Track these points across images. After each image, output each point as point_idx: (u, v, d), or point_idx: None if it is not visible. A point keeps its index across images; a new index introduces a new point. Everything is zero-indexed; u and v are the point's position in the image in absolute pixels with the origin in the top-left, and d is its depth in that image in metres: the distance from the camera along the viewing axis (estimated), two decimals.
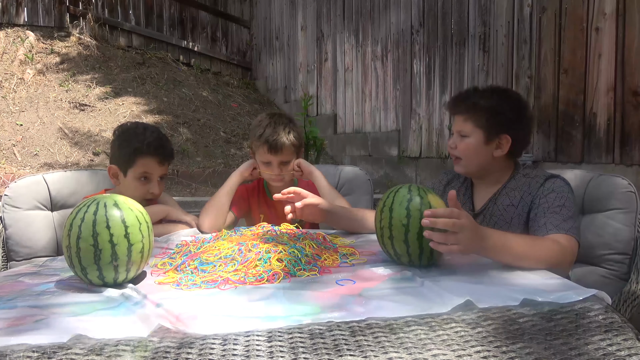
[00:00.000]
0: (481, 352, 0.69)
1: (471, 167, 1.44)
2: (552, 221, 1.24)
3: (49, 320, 0.82)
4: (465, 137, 1.41)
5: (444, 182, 1.59)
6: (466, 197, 1.50)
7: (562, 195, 1.29)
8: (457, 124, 1.45)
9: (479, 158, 1.41)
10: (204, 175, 4.49)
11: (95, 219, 0.97)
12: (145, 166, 1.58)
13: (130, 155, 1.58)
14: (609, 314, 0.81)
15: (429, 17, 3.79)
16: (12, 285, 1.07)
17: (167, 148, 1.63)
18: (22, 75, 5.40)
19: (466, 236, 1.00)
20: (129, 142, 1.61)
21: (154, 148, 1.58)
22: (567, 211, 1.26)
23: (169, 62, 6.45)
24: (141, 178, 1.59)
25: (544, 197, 1.31)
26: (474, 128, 1.40)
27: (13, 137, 4.65)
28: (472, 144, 1.40)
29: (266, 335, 0.75)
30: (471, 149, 1.41)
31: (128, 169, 1.59)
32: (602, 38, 2.52)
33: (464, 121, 1.42)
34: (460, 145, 1.43)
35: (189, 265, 1.11)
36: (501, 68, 3.14)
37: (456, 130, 1.45)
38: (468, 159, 1.43)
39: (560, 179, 1.34)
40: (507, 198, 1.40)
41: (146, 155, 1.58)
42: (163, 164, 1.61)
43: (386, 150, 4.29)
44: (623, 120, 2.45)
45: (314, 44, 5.50)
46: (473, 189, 1.51)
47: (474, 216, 1.44)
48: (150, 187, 1.60)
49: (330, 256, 1.19)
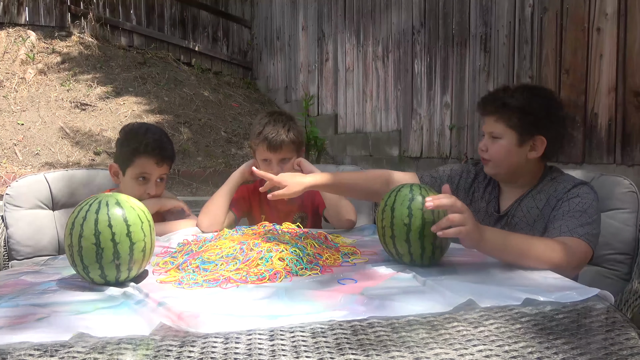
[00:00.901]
0: (483, 351, 0.69)
1: (502, 170, 1.38)
2: (568, 224, 1.20)
3: (50, 319, 0.82)
4: (497, 138, 1.35)
5: (472, 176, 1.50)
6: (492, 197, 1.44)
7: (586, 202, 1.24)
8: (487, 125, 1.38)
9: (512, 160, 1.35)
10: (204, 174, 4.49)
11: (97, 217, 0.97)
12: (143, 167, 1.58)
13: (129, 155, 1.59)
14: (611, 313, 0.81)
15: (430, 17, 3.79)
16: (14, 283, 1.07)
17: (166, 149, 1.62)
18: (23, 74, 5.40)
19: (470, 219, 1.01)
20: (129, 141, 1.62)
21: (152, 149, 1.58)
22: (587, 218, 1.21)
23: (170, 62, 6.46)
24: (139, 178, 1.59)
25: (567, 201, 1.26)
26: (505, 129, 1.33)
27: (14, 137, 4.66)
28: (505, 145, 1.34)
29: (268, 334, 0.75)
30: (503, 152, 1.34)
31: (127, 168, 1.60)
32: (603, 38, 2.52)
33: (495, 122, 1.35)
34: (492, 147, 1.36)
35: (190, 264, 1.11)
36: (502, 68, 3.14)
37: (487, 132, 1.38)
38: (499, 161, 1.36)
39: (588, 187, 1.29)
40: (533, 200, 1.36)
41: (143, 155, 1.57)
42: (161, 165, 1.60)
43: (387, 150, 4.29)
44: (624, 120, 2.44)
45: (315, 43, 5.50)
46: (500, 190, 1.45)
47: (499, 218, 1.40)
48: (148, 187, 1.59)
49: (332, 255, 1.19)
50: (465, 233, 1.01)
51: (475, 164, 1.54)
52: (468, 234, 1.01)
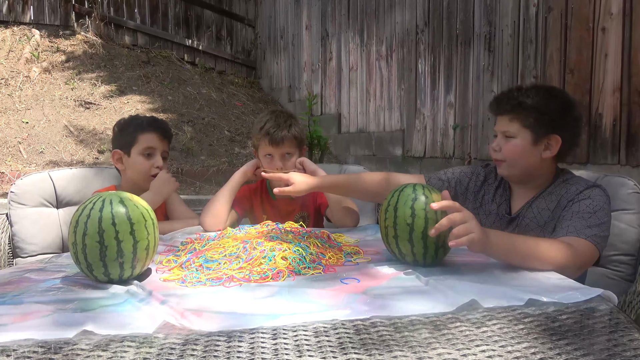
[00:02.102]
0: (486, 351, 0.68)
1: (516, 170, 1.36)
2: (576, 225, 1.19)
3: (54, 316, 0.82)
4: (511, 138, 1.34)
5: (481, 178, 1.49)
6: (503, 199, 1.43)
7: (597, 204, 1.23)
8: (501, 125, 1.36)
9: (526, 160, 1.34)
10: (208, 173, 4.49)
11: (101, 215, 0.98)
12: (148, 141, 1.68)
13: (132, 134, 1.69)
14: (614, 314, 0.81)
15: (434, 17, 3.78)
16: (18, 281, 1.07)
17: (165, 126, 1.75)
18: (28, 73, 5.42)
19: (477, 225, 0.99)
20: (128, 125, 1.72)
21: (151, 124, 1.71)
22: (596, 219, 1.20)
23: (174, 61, 6.47)
24: (145, 153, 1.68)
25: (577, 202, 1.25)
26: (520, 128, 1.32)
27: (19, 135, 4.68)
28: (520, 145, 1.33)
29: (271, 332, 0.75)
30: (518, 151, 1.33)
31: (131, 148, 1.68)
32: (608, 38, 2.51)
33: (509, 121, 1.34)
34: (506, 146, 1.34)
35: (193, 263, 1.12)
36: (506, 68, 3.13)
37: (500, 132, 1.36)
38: (514, 161, 1.34)
39: (600, 189, 1.28)
40: (544, 202, 1.35)
41: (146, 131, 1.69)
42: (163, 139, 1.71)
43: (390, 150, 4.28)
44: (629, 120, 2.43)
45: (318, 43, 5.50)
46: (510, 192, 1.44)
47: (510, 220, 1.39)
48: (155, 161, 1.69)
49: (335, 255, 1.19)
50: (475, 240, 0.99)
51: (485, 166, 1.53)
52: (477, 241, 0.99)
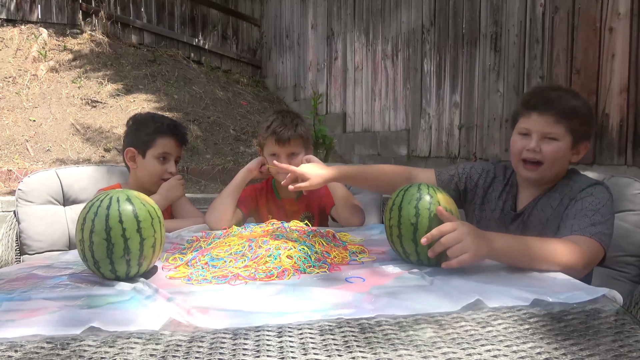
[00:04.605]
0: (491, 351, 0.69)
1: (550, 174, 1.33)
2: (580, 223, 1.19)
3: (62, 313, 0.83)
4: (554, 140, 1.29)
5: (491, 176, 1.48)
6: (510, 196, 1.43)
7: (600, 201, 1.23)
8: (543, 125, 1.29)
9: (561, 164, 1.32)
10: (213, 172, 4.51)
11: (108, 213, 0.99)
12: (165, 146, 1.68)
13: (150, 136, 1.67)
14: (620, 315, 0.81)
15: (440, 16, 3.77)
16: (26, 277, 1.08)
17: (184, 132, 1.75)
18: (35, 71, 5.46)
19: (472, 242, 0.98)
20: (147, 125, 1.70)
21: (174, 129, 1.70)
22: (600, 217, 1.20)
23: (180, 60, 6.49)
24: (160, 158, 1.68)
25: (580, 200, 1.25)
26: (565, 132, 1.28)
27: (26, 133, 4.71)
28: (562, 148, 1.29)
29: (276, 330, 0.75)
30: (560, 154, 1.29)
31: (147, 149, 1.68)
32: (615, 38, 2.50)
33: (555, 123, 1.28)
34: (548, 148, 1.29)
35: (199, 261, 1.12)
36: (512, 68, 3.12)
37: (540, 132, 1.30)
38: (552, 164, 1.30)
39: (603, 187, 1.28)
40: (548, 200, 1.34)
41: (166, 135, 1.68)
42: (179, 146, 1.72)
43: (395, 149, 4.28)
44: (636, 121, 2.42)
45: (324, 42, 5.50)
46: (517, 189, 1.43)
47: (515, 217, 1.39)
48: (168, 166, 1.69)
49: (340, 254, 1.19)
50: (469, 260, 0.98)
51: (496, 163, 1.52)
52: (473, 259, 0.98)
